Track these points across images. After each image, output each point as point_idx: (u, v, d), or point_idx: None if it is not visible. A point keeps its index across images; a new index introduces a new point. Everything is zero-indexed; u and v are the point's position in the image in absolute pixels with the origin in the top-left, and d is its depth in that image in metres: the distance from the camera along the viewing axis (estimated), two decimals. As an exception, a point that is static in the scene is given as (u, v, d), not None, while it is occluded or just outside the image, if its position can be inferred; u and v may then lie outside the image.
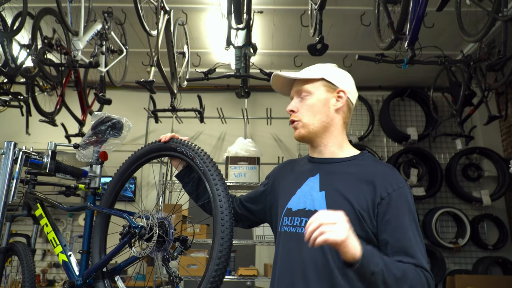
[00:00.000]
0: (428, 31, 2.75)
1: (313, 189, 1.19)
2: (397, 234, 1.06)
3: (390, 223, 1.07)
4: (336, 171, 1.20)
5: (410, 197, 1.13)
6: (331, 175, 1.19)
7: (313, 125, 1.22)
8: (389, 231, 1.07)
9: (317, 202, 1.15)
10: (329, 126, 1.22)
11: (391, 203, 1.09)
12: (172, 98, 3.70)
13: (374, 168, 1.18)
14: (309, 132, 1.22)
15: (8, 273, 2.14)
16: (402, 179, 1.16)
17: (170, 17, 3.20)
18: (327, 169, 1.22)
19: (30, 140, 3.94)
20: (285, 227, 1.20)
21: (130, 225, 1.28)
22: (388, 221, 1.08)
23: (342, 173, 1.19)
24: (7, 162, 1.34)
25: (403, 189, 1.12)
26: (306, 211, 1.16)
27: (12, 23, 2.80)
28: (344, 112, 1.25)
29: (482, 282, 3.86)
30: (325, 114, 1.22)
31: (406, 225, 1.07)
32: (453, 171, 4.66)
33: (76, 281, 1.42)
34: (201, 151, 1.29)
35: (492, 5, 2.30)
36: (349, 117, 1.28)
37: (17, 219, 2.20)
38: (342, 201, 1.12)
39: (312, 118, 1.22)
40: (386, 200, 1.09)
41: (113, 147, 1.61)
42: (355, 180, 1.15)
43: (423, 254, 1.07)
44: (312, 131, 1.22)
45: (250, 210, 1.40)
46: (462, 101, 3.64)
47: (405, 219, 1.08)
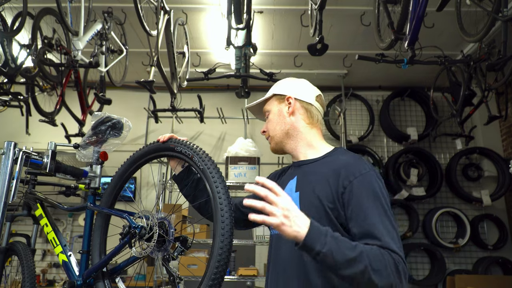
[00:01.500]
0: (428, 31, 2.75)
1: (291, 191, 1.27)
2: (361, 220, 1.07)
3: (354, 210, 1.10)
4: (310, 171, 1.27)
5: (376, 182, 1.13)
6: (305, 176, 1.26)
7: (276, 136, 1.34)
8: (354, 218, 1.09)
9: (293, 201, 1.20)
10: (290, 131, 1.32)
11: (353, 190, 1.11)
12: (172, 98, 3.70)
13: (341, 161, 1.22)
14: (276, 143, 1.35)
15: (8, 273, 2.14)
16: (367, 166, 1.17)
17: (170, 17, 3.20)
18: (303, 170, 1.29)
19: (30, 140, 3.94)
20: (273, 230, 1.28)
21: (130, 225, 1.28)
22: (352, 209, 1.10)
23: (315, 172, 1.25)
24: (7, 162, 1.34)
25: (366, 175, 1.14)
26: None
27: (12, 23, 2.80)
28: (302, 113, 1.34)
29: (482, 282, 3.86)
30: (282, 122, 1.33)
31: (369, 209, 1.08)
32: (453, 171, 4.66)
33: (76, 281, 1.42)
34: (199, 150, 1.29)
35: (492, 5, 2.30)
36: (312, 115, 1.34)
37: (17, 219, 2.20)
38: (313, 199, 1.17)
39: (274, 130, 1.35)
40: (348, 189, 1.12)
41: (113, 147, 1.61)
42: (324, 176, 1.19)
43: (392, 237, 1.04)
44: (278, 141, 1.34)
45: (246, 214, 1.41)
46: (462, 101, 3.64)
47: (368, 204, 1.09)
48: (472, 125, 4.53)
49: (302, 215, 0.98)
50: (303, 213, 0.99)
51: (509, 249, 4.53)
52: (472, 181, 4.79)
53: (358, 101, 5.23)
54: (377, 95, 5.25)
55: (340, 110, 4.78)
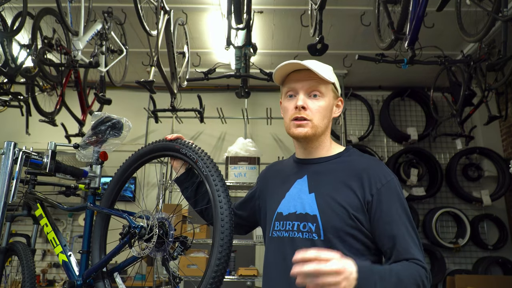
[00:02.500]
0: (428, 31, 2.75)
1: (302, 192, 1.19)
2: (389, 230, 1.06)
3: (381, 219, 1.08)
4: (323, 171, 1.20)
5: (399, 189, 1.13)
6: (318, 176, 1.19)
7: (320, 128, 1.21)
8: (381, 227, 1.07)
9: (308, 205, 1.14)
10: (326, 130, 1.25)
11: (381, 198, 1.09)
12: (172, 98, 3.70)
13: (360, 164, 1.17)
14: (314, 134, 1.20)
15: (8, 273, 2.14)
16: (389, 171, 1.15)
17: (170, 17, 3.20)
18: (314, 170, 1.22)
19: (30, 140, 3.94)
20: (277, 232, 1.19)
21: (130, 225, 1.28)
22: (379, 218, 1.08)
23: (329, 172, 1.18)
24: (7, 162, 1.34)
25: (392, 182, 1.12)
26: (297, 214, 1.15)
27: (12, 23, 2.80)
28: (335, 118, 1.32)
29: (482, 282, 3.86)
30: (329, 119, 1.24)
31: (396, 219, 1.07)
32: (453, 171, 4.66)
33: (76, 281, 1.42)
34: (204, 155, 1.28)
35: (492, 5, 2.30)
36: None
37: (17, 219, 2.20)
38: (334, 204, 1.11)
39: (321, 121, 1.20)
40: (376, 197, 1.09)
41: (113, 147, 1.61)
42: (343, 179, 1.14)
43: (418, 247, 1.06)
44: (318, 133, 1.21)
45: (242, 217, 1.42)
46: (462, 101, 3.64)
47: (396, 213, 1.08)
48: (472, 125, 4.53)
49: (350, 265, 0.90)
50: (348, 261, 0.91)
51: (509, 249, 4.53)
52: (472, 181, 4.79)
53: (358, 101, 5.23)
54: (377, 95, 5.25)
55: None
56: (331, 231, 1.09)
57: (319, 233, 1.10)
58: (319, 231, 1.10)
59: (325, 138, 1.25)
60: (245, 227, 1.46)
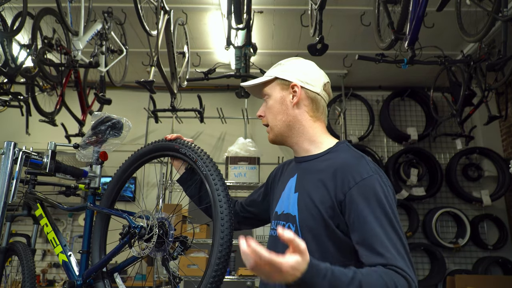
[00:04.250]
0: (428, 31, 2.75)
1: (290, 191, 1.16)
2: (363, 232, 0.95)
3: (355, 222, 0.97)
4: (309, 169, 1.13)
5: (380, 187, 0.99)
6: (305, 174, 1.14)
7: (276, 127, 1.18)
8: (355, 230, 0.97)
9: (291, 205, 1.12)
10: (293, 123, 1.16)
11: (354, 198, 0.98)
12: (172, 98, 3.70)
13: (338, 160, 1.07)
14: (275, 135, 1.19)
15: (8, 273, 2.14)
16: (369, 168, 1.02)
17: (170, 17, 3.20)
18: (303, 168, 1.16)
19: (30, 140, 3.93)
20: (272, 231, 1.20)
21: (130, 225, 1.28)
22: (353, 220, 0.98)
23: (314, 171, 1.11)
24: (7, 162, 1.34)
25: (368, 180, 0.99)
26: (285, 214, 1.14)
27: (12, 23, 2.80)
28: (306, 105, 1.16)
29: (482, 282, 3.86)
30: (285, 113, 1.16)
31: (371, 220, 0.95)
32: (453, 171, 4.66)
33: (76, 281, 1.42)
34: (203, 154, 1.28)
35: (492, 5, 2.30)
36: (318, 107, 1.18)
37: (17, 219, 2.20)
38: (310, 204, 1.06)
39: (274, 120, 1.18)
40: (348, 196, 0.99)
41: (113, 147, 1.61)
42: (322, 177, 1.07)
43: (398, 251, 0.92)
44: (278, 133, 1.18)
45: (253, 213, 1.41)
46: (462, 101, 3.64)
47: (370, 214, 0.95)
48: (472, 125, 4.53)
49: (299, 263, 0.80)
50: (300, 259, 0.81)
51: (509, 249, 4.53)
52: (472, 181, 4.79)
53: (358, 101, 5.23)
54: (377, 95, 5.25)
55: (340, 110, 4.78)
56: (306, 232, 1.05)
57: (298, 234, 1.06)
58: (298, 232, 1.06)
59: (297, 133, 1.17)
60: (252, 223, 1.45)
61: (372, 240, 0.93)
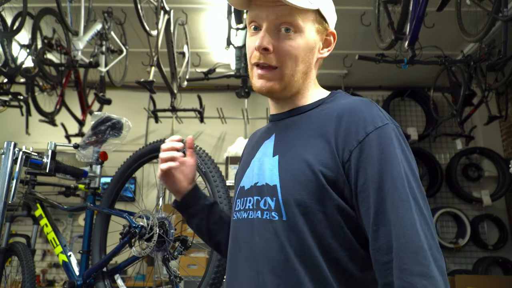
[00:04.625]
0: (428, 31, 2.75)
1: (266, 155, 0.84)
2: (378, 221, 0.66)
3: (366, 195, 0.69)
4: (295, 125, 0.84)
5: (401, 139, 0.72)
6: (289, 131, 0.83)
7: (293, 77, 0.81)
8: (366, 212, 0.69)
9: (268, 172, 0.80)
10: (307, 77, 0.85)
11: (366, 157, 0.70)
12: (172, 98, 3.71)
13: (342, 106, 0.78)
14: (284, 88, 0.82)
15: (8, 273, 2.14)
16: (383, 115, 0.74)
17: (170, 17, 3.20)
18: (285, 125, 0.86)
19: (30, 140, 3.94)
20: (236, 214, 0.85)
21: (130, 225, 1.28)
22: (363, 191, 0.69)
23: (300, 125, 0.82)
24: (7, 162, 1.34)
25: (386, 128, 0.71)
26: (258, 187, 0.81)
27: (12, 23, 2.80)
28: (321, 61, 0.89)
29: (482, 282, 3.86)
30: (308, 63, 0.83)
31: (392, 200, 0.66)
32: (453, 171, 4.66)
33: (76, 281, 1.42)
34: (202, 152, 1.29)
35: (492, 5, 2.30)
36: None
37: (17, 219, 2.20)
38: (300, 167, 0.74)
39: (293, 67, 0.81)
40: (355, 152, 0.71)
41: (113, 147, 1.61)
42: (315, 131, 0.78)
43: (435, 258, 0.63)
44: (289, 85, 0.82)
45: None
46: (462, 101, 3.64)
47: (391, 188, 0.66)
48: (472, 125, 4.53)
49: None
50: None
51: (509, 249, 4.53)
52: (472, 181, 4.78)
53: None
54: (377, 95, 5.25)
55: (340, 110, 4.77)
56: (295, 208, 0.73)
57: (280, 211, 0.75)
58: (280, 209, 0.75)
59: (304, 86, 0.86)
60: None
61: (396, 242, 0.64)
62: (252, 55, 0.82)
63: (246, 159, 0.93)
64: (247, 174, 0.87)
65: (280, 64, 0.80)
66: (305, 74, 0.84)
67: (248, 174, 0.87)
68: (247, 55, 0.86)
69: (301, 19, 0.79)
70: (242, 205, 0.84)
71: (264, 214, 0.77)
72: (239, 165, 0.98)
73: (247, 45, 0.85)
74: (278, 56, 0.80)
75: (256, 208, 0.80)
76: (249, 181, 0.85)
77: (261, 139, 0.91)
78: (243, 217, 0.83)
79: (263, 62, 0.80)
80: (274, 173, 0.78)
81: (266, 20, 0.79)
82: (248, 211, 0.82)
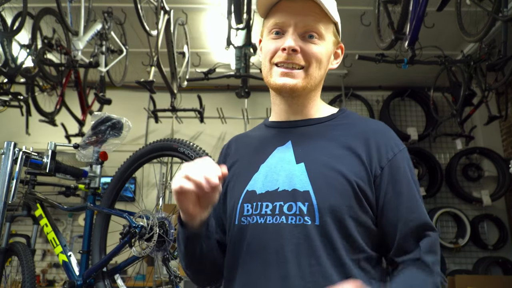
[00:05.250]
0: (428, 31, 2.75)
1: (285, 161, 0.88)
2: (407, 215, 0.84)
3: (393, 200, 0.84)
4: (314, 134, 0.91)
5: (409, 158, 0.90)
6: (308, 140, 0.90)
7: (315, 79, 0.91)
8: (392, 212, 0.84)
9: (297, 178, 0.84)
10: (320, 84, 0.96)
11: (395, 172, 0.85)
12: (172, 98, 3.71)
13: (366, 125, 0.91)
14: (305, 88, 0.90)
15: (8, 273, 2.14)
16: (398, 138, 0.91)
17: (170, 17, 3.20)
18: (301, 133, 0.92)
19: (30, 140, 3.94)
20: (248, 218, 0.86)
21: (130, 225, 1.28)
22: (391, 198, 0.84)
23: (323, 135, 0.90)
24: (7, 162, 1.34)
25: (405, 151, 0.88)
26: (280, 192, 0.84)
27: (12, 23, 2.80)
28: None
29: (482, 282, 3.86)
30: (324, 69, 0.93)
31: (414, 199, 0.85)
32: (453, 171, 4.66)
33: (76, 281, 1.43)
34: (202, 152, 1.29)
35: (492, 5, 2.30)
36: None
37: (17, 219, 2.20)
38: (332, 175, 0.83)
39: (318, 71, 0.90)
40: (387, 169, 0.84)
41: (113, 147, 1.61)
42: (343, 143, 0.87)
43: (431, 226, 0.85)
44: (311, 87, 0.91)
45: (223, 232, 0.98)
46: (462, 101, 3.64)
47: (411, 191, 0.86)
48: (472, 125, 4.53)
49: None
50: None
51: (509, 249, 4.53)
52: (472, 181, 4.78)
53: (358, 101, 5.23)
54: (377, 95, 5.25)
55: (340, 110, 4.78)
56: (328, 213, 0.80)
57: (313, 215, 0.80)
58: (313, 213, 0.80)
59: (316, 94, 0.96)
60: None
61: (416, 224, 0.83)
62: (275, 55, 0.90)
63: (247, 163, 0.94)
64: (256, 178, 0.89)
65: (307, 64, 0.89)
66: (320, 81, 0.94)
67: (259, 178, 0.88)
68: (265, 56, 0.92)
69: (324, 29, 0.90)
70: (256, 210, 0.85)
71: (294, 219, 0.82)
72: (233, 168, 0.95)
73: (266, 48, 0.92)
74: (305, 57, 0.88)
75: (280, 213, 0.83)
76: (263, 186, 0.87)
77: (268, 144, 0.93)
78: (259, 222, 0.84)
79: (290, 61, 0.88)
80: (303, 179, 0.84)
81: (295, 26, 0.88)
82: (266, 216, 0.84)
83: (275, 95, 0.96)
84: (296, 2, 0.88)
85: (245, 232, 0.86)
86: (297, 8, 0.88)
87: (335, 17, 0.91)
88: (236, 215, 0.88)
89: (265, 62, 0.93)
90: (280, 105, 0.96)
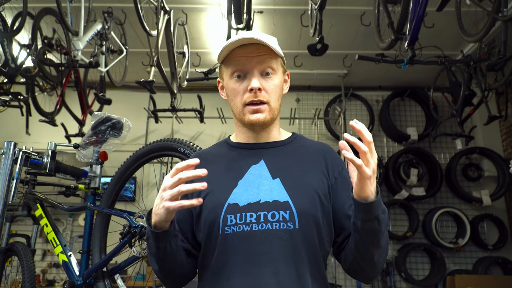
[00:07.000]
0: (428, 31, 2.75)
1: (262, 177, 1.04)
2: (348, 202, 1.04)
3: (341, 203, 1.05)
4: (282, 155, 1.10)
5: None
6: (279, 159, 1.08)
7: (276, 110, 1.09)
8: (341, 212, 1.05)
9: (276, 191, 1.01)
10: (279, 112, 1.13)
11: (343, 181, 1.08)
12: (172, 98, 3.71)
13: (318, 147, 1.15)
14: (272, 118, 1.08)
15: (8, 273, 2.14)
16: None
17: (170, 17, 3.20)
18: (271, 154, 1.09)
19: (30, 140, 3.94)
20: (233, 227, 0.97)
21: (130, 224, 1.28)
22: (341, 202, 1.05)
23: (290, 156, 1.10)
24: (7, 162, 1.34)
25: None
26: (262, 204, 0.99)
27: (12, 23, 2.80)
28: None
29: (482, 282, 3.86)
30: (281, 98, 1.11)
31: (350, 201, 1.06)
32: (453, 171, 4.66)
33: (76, 281, 1.43)
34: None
35: (492, 5, 2.31)
36: None
37: (17, 219, 2.20)
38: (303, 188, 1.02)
39: (277, 102, 1.09)
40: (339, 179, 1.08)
41: (113, 147, 1.61)
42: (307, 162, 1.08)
43: None
44: (274, 116, 1.09)
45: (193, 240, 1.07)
46: (462, 101, 3.64)
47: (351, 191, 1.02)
48: (472, 125, 4.53)
49: None
50: None
51: (509, 249, 4.53)
52: (472, 181, 4.79)
53: (358, 101, 5.23)
54: (377, 95, 5.25)
55: (340, 110, 4.78)
56: (305, 218, 0.99)
57: (294, 221, 0.98)
58: (294, 219, 0.98)
59: (277, 120, 1.14)
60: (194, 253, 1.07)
61: None
62: (244, 97, 1.05)
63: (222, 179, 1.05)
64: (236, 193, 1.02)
65: (269, 99, 1.06)
66: (279, 107, 1.11)
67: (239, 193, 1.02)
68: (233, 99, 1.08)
69: (275, 63, 1.08)
70: (241, 220, 0.98)
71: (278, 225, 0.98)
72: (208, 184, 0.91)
73: (232, 91, 1.07)
74: (267, 94, 1.05)
75: (265, 221, 0.98)
76: (244, 199, 1.00)
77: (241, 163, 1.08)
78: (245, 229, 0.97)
79: (258, 99, 1.04)
80: (282, 192, 1.01)
81: (255, 68, 1.04)
82: (252, 224, 0.98)
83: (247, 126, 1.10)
84: (249, 48, 1.04)
85: (231, 239, 0.98)
86: (251, 52, 1.04)
87: (280, 53, 1.08)
88: (219, 226, 0.99)
89: (236, 103, 1.08)
90: (247, 133, 1.12)
